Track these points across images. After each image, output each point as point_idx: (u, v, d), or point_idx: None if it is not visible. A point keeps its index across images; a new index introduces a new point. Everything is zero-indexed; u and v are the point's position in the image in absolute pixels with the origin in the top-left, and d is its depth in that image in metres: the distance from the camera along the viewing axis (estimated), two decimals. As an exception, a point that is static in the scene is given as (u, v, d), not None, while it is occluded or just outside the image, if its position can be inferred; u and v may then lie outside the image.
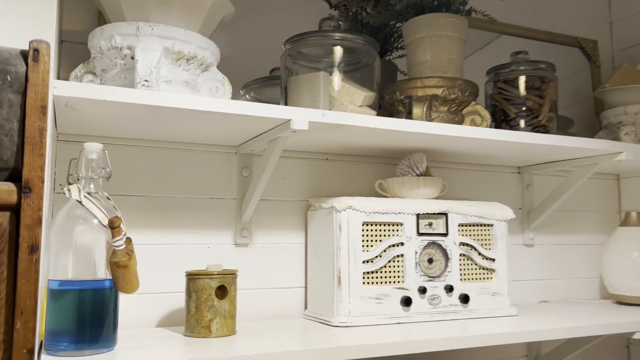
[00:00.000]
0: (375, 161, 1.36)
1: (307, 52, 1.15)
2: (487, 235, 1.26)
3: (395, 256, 1.16)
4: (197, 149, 1.19)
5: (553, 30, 1.66)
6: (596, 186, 1.66)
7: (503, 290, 1.26)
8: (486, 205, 1.26)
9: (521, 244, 1.53)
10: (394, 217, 1.16)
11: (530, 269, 1.53)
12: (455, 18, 1.21)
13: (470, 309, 1.21)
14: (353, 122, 0.99)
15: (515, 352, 1.49)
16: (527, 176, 1.54)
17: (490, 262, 1.26)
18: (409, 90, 1.19)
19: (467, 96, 1.20)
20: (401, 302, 1.14)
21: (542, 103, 1.29)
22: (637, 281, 1.41)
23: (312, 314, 1.19)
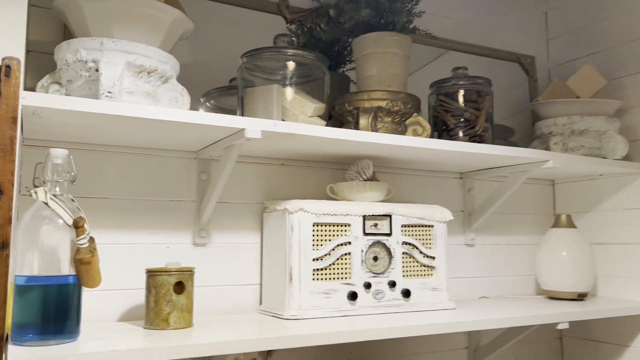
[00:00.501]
0: (327, 167, 1.46)
1: (262, 65, 1.24)
2: (428, 235, 1.38)
3: (343, 254, 1.26)
4: (159, 154, 1.26)
5: (495, 46, 1.80)
6: (533, 191, 1.81)
7: (442, 285, 1.37)
8: (427, 208, 1.38)
9: (463, 244, 1.65)
10: (342, 218, 1.27)
11: (471, 267, 1.66)
12: (399, 37, 1.32)
13: (411, 303, 1.32)
14: (302, 132, 1.09)
15: (456, 344, 1.61)
16: (468, 181, 1.66)
17: (431, 259, 1.37)
18: (356, 102, 1.30)
19: (410, 108, 1.31)
20: (348, 297, 1.24)
21: (478, 115, 1.41)
22: (565, 278, 1.55)
23: (266, 308, 1.28)
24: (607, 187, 1.67)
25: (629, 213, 1.61)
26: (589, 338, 1.71)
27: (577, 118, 1.53)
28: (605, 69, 1.69)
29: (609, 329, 1.64)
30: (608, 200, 1.67)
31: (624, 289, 1.61)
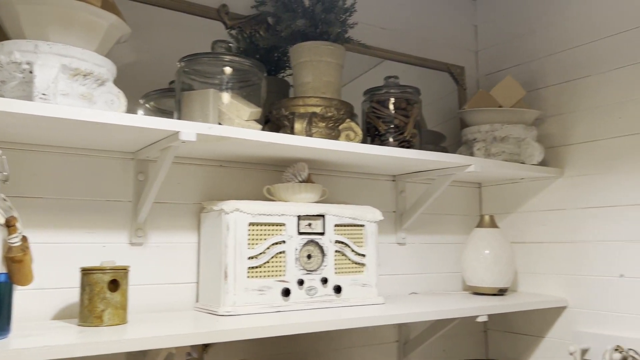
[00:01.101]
0: (264, 169, 1.52)
1: (200, 69, 1.28)
2: (360, 234, 1.46)
3: (277, 253, 1.32)
4: (96, 154, 1.28)
5: (428, 57, 1.90)
6: (461, 193, 1.92)
7: (372, 282, 1.45)
8: (359, 208, 1.46)
9: (394, 243, 1.75)
10: (277, 218, 1.32)
11: (402, 265, 1.76)
12: (334, 46, 1.40)
13: (342, 298, 1.39)
14: (237, 135, 1.14)
15: (387, 337, 1.70)
16: (400, 183, 1.76)
17: (362, 257, 1.45)
18: (292, 107, 1.36)
19: (343, 114, 1.39)
20: (281, 293, 1.30)
21: (407, 122, 1.51)
22: (487, 274, 1.67)
23: (202, 306, 1.32)
24: (527, 190, 1.81)
25: (545, 214, 1.75)
26: (510, 330, 1.84)
27: (499, 126, 1.65)
28: (527, 80, 1.83)
29: (527, 322, 1.78)
30: (528, 202, 1.80)
31: (541, 284, 1.75)
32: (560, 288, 1.69)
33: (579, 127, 1.67)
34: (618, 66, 1.59)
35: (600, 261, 1.59)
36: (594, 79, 1.65)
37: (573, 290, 1.65)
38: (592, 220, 1.62)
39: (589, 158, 1.64)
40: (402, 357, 1.70)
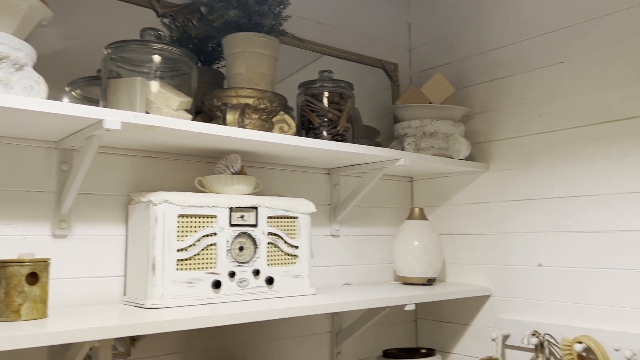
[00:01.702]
0: (197, 160, 1.50)
1: (128, 57, 1.25)
2: (293, 226, 1.47)
3: (208, 245, 1.31)
4: (15, 143, 1.22)
5: (363, 53, 1.94)
6: (394, 187, 1.98)
7: (304, 273, 1.47)
8: (292, 201, 1.47)
9: (329, 235, 1.77)
10: (208, 210, 1.31)
11: (336, 257, 1.78)
12: (267, 38, 1.40)
13: (274, 290, 1.40)
14: (164, 124, 1.12)
15: (320, 328, 1.72)
16: (334, 177, 1.78)
17: (294, 249, 1.46)
18: (224, 98, 1.35)
19: (276, 106, 1.39)
20: (212, 285, 1.30)
21: (340, 116, 1.53)
22: (416, 265, 1.72)
23: (130, 299, 1.29)
24: (455, 184, 1.88)
25: (472, 207, 1.82)
26: (438, 319, 1.91)
27: (428, 121, 1.71)
28: (457, 78, 1.90)
29: (455, 311, 1.85)
30: (456, 195, 1.88)
31: (468, 274, 1.83)
32: (484, 277, 1.77)
33: (504, 124, 1.76)
34: (540, 66, 1.68)
35: (521, 251, 1.68)
36: (518, 77, 1.73)
37: (496, 280, 1.74)
38: (514, 213, 1.70)
39: (512, 154, 1.73)
40: (335, 347, 1.73)
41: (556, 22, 1.65)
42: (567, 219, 1.57)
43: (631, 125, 1.46)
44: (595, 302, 1.50)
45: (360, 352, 1.81)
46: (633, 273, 1.43)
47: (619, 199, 1.47)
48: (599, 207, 1.51)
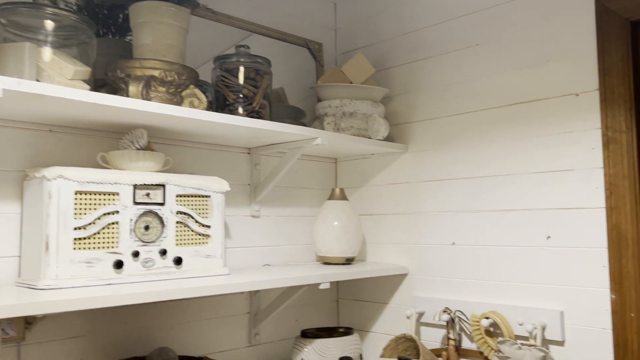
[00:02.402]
0: (102, 135, 1.42)
1: (19, 21, 1.16)
2: (205, 205, 1.43)
3: (109, 223, 1.25)
4: None
5: (288, 31, 1.90)
6: (318, 168, 1.96)
7: (217, 253, 1.43)
8: (204, 179, 1.43)
9: (248, 215, 1.74)
10: (110, 187, 1.25)
11: (256, 237, 1.76)
12: (176, 8, 1.34)
13: (183, 270, 1.36)
14: (53, 94, 1.05)
15: (237, 309, 1.69)
16: (255, 156, 1.75)
17: (206, 228, 1.42)
18: (128, 69, 1.28)
19: (185, 79, 1.34)
20: (113, 265, 1.24)
21: (256, 92, 1.49)
22: (335, 245, 1.72)
23: (23, 280, 1.22)
24: (376, 165, 1.89)
25: (391, 188, 1.84)
26: (359, 299, 1.92)
27: (348, 101, 1.70)
28: (379, 59, 1.90)
29: (374, 290, 1.87)
30: (376, 176, 1.89)
31: (387, 254, 1.84)
32: (402, 257, 1.80)
33: (422, 106, 1.78)
34: (457, 48, 1.70)
35: (436, 231, 1.71)
36: (437, 59, 1.75)
37: (413, 259, 1.76)
38: (430, 193, 1.73)
39: (429, 135, 1.75)
40: (253, 328, 1.71)
41: (473, 4, 1.67)
42: (478, 199, 1.61)
43: (538, 107, 1.51)
44: (502, 278, 1.55)
45: (279, 333, 1.80)
46: (536, 250, 1.48)
47: (526, 178, 1.52)
48: (507, 187, 1.55)
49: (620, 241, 1.33)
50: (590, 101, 1.41)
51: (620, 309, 1.32)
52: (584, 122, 1.42)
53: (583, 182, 1.41)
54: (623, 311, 1.31)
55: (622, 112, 1.34)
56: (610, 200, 1.35)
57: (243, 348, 1.70)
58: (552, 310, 1.42)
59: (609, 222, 1.35)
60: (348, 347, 1.69)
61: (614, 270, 1.33)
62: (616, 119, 1.35)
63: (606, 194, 1.36)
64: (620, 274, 1.32)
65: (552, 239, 1.46)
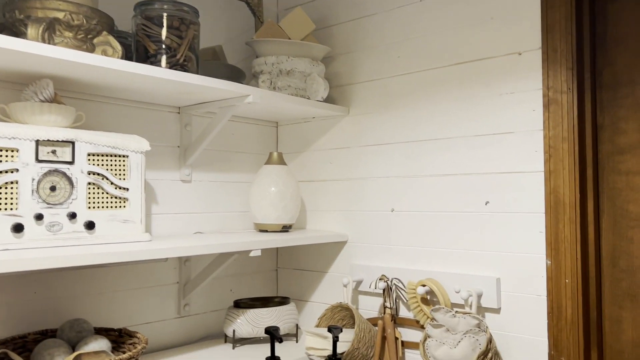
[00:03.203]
0: (3, 87, 1.28)
1: None
2: (122, 166, 1.31)
3: (7, 182, 1.12)
4: None
5: (224, -18, 1.77)
6: (258, 132, 1.86)
7: (136, 218, 1.32)
8: (120, 137, 1.30)
9: (178, 180, 1.63)
10: (7, 142, 1.12)
11: (187, 203, 1.65)
12: (84, -57, 1.19)
13: (96, 236, 1.25)
14: None
15: (166, 279, 1.59)
16: (185, 116, 1.63)
17: (123, 191, 1.31)
18: (28, 9, 1.14)
19: (96, 25, 1.20)
20: (12, 229, 1.11)
21: (180, 43, 1.37)
22: (271, 211, 1.63)
23: None
24: (317, 129, 1.80)
25: (332, 153, 1.76)
26: (298, 268, 1.85)
27: (285, 58, 1.59)
28: (321, 16, 1.79)
29: (314, 259, 1.80)
30: (318, 141, 1.80)
31: (327, 222, 1.77)
32: (342, 224, 1.73)
33: (364, 66, 1.69)
34: (400, 5, 1.61)
35: (376, 197, 1.64)
36: (380, 17, 1.66)
37: (352, 226, 1.70)
38: (370, 158, 1.66)
39: (371, 97, 1.67)
40: (182, 298, 1.62)
41: (418, -41, 1.58)
42: (418, 163, 1.55)
43: (480, 66, 1.44)
44: (440, 245, 1.50)
45: (213, 304, 1.72)
46: (475, 216, 1.43)
47: (466, 142, 1.46)
48: (447, 151, 1.49)
49: (557, 206, 1.29)
50: (533, 60, 1.35)
51: (555, 274, 1.29)
52: (526, 83, 1.36)
53: (523, 145, 1.36)
54: (558, 277, 1.28)
55: (564, 72, 1.29)
56: (549, 163, 1.31)
57: (171, 319, 1.60)
58: (488, 277, 1.38)
59: (547, 186, 1.31)
60: (283, 317, 1.63)
61: (551, 235, 1.30)
62: (558, 79, 1.30)
63: (545, 157, 1.31)
64: (557, 240, 1.29)
65: (490, 205, 1.41)
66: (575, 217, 1.27)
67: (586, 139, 1.31)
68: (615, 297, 1.28)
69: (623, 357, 1.26)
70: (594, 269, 1.29)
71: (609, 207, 1.30)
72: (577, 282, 1.26)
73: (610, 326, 1.28)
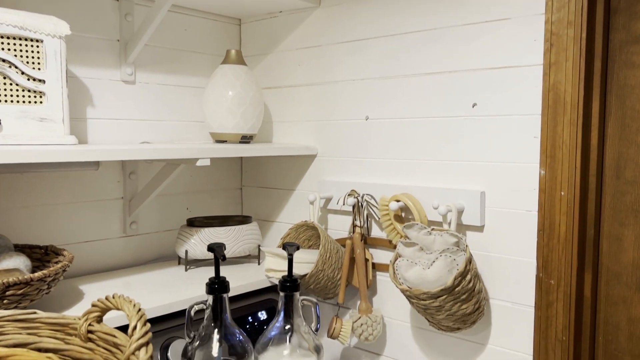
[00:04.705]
0: None
1: None
2: (35, 52, 1.08)
3: None
4: None
5: None
6: (218, 29, 1.62)
7: (57, 117, 1.11)
8: (31, 16, 1.07)
9: (119, 80, 1.41)
10: None
11: (131, 109, 1.43)
12: None
13: (3, 135, 1.04)
14: None
15: (109, 194, 1.40)
16: (125, 4, 1.38)
17: (38, 83, 1.09)
18: None
19: None
20: None
21: None
22: (228, 119, 1.42)
23: None
24: (285, 26, 1.56)
25: (301, 53, 1.52)
26: (264, 186, 1.67)
27: None
28: None
29: (280, 176, 1.61)
30: (285, 39, 1.56)
31: (295, 133, 1.57)
32: (311, 136, 1.53)
33: (338, -53, 1.42)
34: None
35: (349, 103, 1.43)
36: None
37: (322, 138, 1.50)
38: (344, 58, 1.43)
39: (346, -16, 1.41)
40: (128, 215, 1.44)
41: None
42: (398, 62, 1.32)
43: (474, -61, 1.19)
44: (419, 157, 1.30)
45: (165, 223, 1.54)
46: (460, 121, 1.23)
47: (454, 33, 1.23)
48: (431, 45, 1.26)
49: (556, 105, 1.08)
50: None
51: (549, 186, 1.10)
52: (528, -44, 1.11)
53: (520, 34, 1.13)
54: (552, 189, 1.10)
55: (574, -61, 1.05)
56: (549, 54, 1.09)
57: (116, 239, 1.43)
58: (472, 191, 1.20)
59: (545, 82, 1.09)
60: (243, 237, 1.45)
61: (547, 141, 1.10)
62: (567, -52, 1.05)
63: (545, 47, 1.09)
64: (554, 146, 1.09)
65: (478, 107, 1.20)
66: (577, 119, 1.07)
67: (596, 25, 1.08)
68: (617, 212, 1.10)
69: (621, 279, 1.10)
70: (595, 180, 1.10)
71: (617, 107, 1.10)
72: (575, 195, 1.08)
73: (608, 245, 1.11)
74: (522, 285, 1.15)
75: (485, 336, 1.21)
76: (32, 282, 0.95)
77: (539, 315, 1.12)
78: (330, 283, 1.34)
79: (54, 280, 1.01)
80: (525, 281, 1.15)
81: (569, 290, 1.09)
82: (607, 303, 1.12)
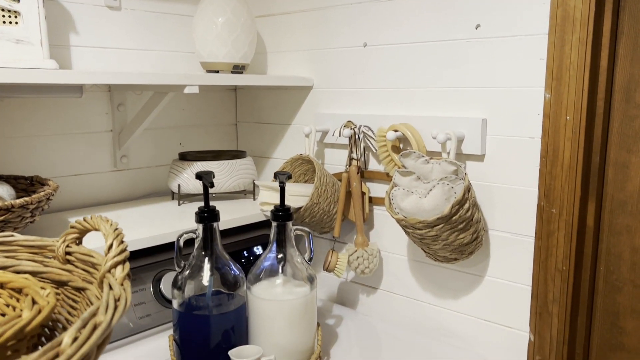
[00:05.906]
0: None
1: None
2: (6, -32, 1.01)
3: None
4: None
5: None
6: (204, -47, 1.52)
7: (33, 39, 1.05)
8: None
9: (103, 5, 1.33)
10: None
11: (116, 37, 1.37)
12: None
13: (-23, 56, 0.99)
14: None
15: (96, 126, 1.36)
16: None
17: (12, 2, 1.02)
18: None
19: None
20: None
21: None
22: (218, 47, 1.36)
23: None
24: (278, -52, 1.46)
25: (295, -23, 1.44)
26: (260, 121, 1.61)
27: None
28: None
29: (276, 111, 1.55)
30: (278, -37, 1.47)
31: (291, 65, 1.50)
32: (307, 66, 1.46)
33: None
34: None
35: (346, 30, 1.35)
36: None
37: (319, 68, 1.43)
38: (340, -20, 1.34)
39: None
40: (118, 149, 1.40)
41: None
42: (397, -19, 1.24)
43: None
44: (418, 84, 1.24)
45: (157, 158, 1.50)
46: (462, 45, 1.16)
47: (457, -52, 1.14)
48: (434, -37, 1.18)
49: (565, 23, 1.01)
50: None
51: (554, 110, 1.04)
52: None
53: (528, -54, 1.05)
54: (557, 113, 1.04)
55: None
56: (560, -34, 1.00)
57: (106, 172, 1.40)
58: (472, 118, 1.14)
59: (554, -2, 1.02)
60: (237, 171, 1.42)
61: (553, 62, 1.03)
62: None
63: (556, -42, 1.01)
64: (560, 67, 1.03)
65: (482, 29, 1.13)
66: (587, 38, 1.00)
67: None
68: (625, 138, 1.05)
69: (625, 209, 1.06)
70: (603, 103, 1.04)
71: (631, 25, 1.02)
72: (581, 120, 1.02)
73: (614, 173, 1.06)
74: (523, 215, 1.11)
75: (483, 267, 1.19)
76: (13, 208, 0.92)
77: (539, 245, 1.09)
78: (326, 217, 1.31)
79: (37, 208, 0.98)
80: (526, 211, 1.11)
81: (571, 219, 1.05)
82: (610, 232, 1.08)
